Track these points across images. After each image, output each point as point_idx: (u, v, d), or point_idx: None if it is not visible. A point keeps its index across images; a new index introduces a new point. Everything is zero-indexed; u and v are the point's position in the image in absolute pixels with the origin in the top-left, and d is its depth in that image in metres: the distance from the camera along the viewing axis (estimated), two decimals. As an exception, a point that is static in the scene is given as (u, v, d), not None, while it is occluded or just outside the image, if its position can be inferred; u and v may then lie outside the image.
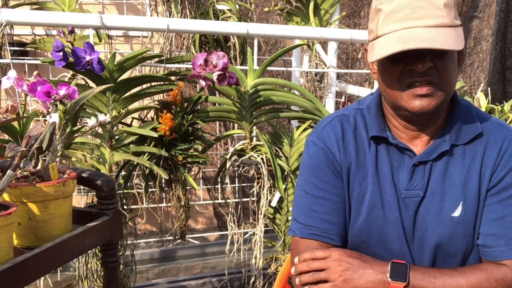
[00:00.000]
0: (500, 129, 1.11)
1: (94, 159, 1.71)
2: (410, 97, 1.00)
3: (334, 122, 1.17)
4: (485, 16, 3.77)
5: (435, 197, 1.08)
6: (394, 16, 0.98)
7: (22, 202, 1.00)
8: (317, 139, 1.17)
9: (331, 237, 1.13)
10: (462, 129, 1.09)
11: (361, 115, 1.17)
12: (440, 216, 1.07)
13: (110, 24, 1.79)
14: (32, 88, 1.10)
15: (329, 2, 2.51)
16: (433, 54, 0.98)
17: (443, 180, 1.08)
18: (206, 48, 2.92)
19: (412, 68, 0.98)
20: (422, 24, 0.96)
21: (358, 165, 1.13)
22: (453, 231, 1.06)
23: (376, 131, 1.11)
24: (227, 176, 2.00)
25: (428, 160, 1.08)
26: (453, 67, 1.03)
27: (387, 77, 1.04)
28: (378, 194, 1.10)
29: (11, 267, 0.89)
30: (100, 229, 1.15)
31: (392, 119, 1.12)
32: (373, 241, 1.11)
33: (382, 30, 1.00)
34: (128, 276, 1.92)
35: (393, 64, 1.01)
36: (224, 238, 3.23)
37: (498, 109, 2.47)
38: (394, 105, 1.06)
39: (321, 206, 1.14)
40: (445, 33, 0.96)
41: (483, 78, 3.84)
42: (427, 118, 1.07)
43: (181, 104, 1.82)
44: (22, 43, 2.91)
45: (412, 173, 1.09)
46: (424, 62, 0.97)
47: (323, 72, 2.47)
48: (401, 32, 0.97)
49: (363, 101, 1.20)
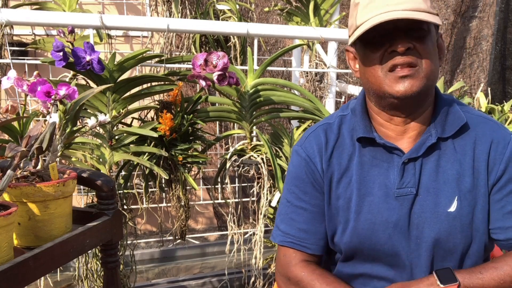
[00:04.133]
0: (485, 123, 1.12)
1: (94, 159, 1.71)
2: (393, 81, 1.02)
3: (318, 131, 1.18)
4: (485, 16, 3.77)
5: (429, 194, 1.08)
6: (372, 5, 1.02)
7: (22, 202, 1.00)
8: (300, 149, 1.18)
9: (307, 246, 1.17)
10: (447, 121, 1.10)
11: (345, 121, 1.17)
12: (436, 213, 1.08)
13: (110, 24, 1.79)
14: (32, 88, 1.10)
15: (329, 2, 2.51)
16: (412, 37, 1.00)
17: (436, 176, 1.09)
18: (206, 48, 2.91)
19: (393, 49, 1.00)
20: (400, 8, 0.99)
21: (342, 173, 1.13)
22: (450, 227, 1.07)
23: (362, 132, 1.12)
24: (227, 176, 2.00)
25: (417, 156, 1.09)
26: (433, 53, 1.04)
27: (369, 64, 1.05)
28: (364, 198, 1.11)
29: (11, 267, 0.89)
30: (100, 229, 1.15)
31: (377, 117, 1.12)
32: (365, 246, 1.11)
33: (361, 19, 1.03)
34: (128, 276, 1.92)
35: (373, 50, 1.03)
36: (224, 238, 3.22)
37: (498, 109, 2.47)
38: (378, 94, 1.06)
39: (299, 215, 1.17)
40: (422, 13, 0.99)
41: (483, 78, 3.84)
42: (413, 104, 1.07)
43: (181, 104, 1.82)
44: (22, 43, 2.91)
45: (402, 171, 1.09)
46: (404, 42, 0.99)
47: (323, 72, 2.47)
48: (380, 16, 0.99)
49: (346, 107, 1.21)
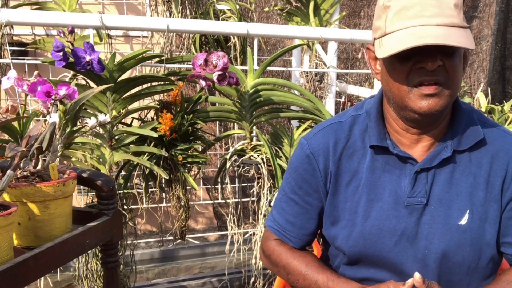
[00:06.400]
0: (505, 137, 1.10)
1: (94, 159, 1.71)
2: (418, 97, 0.99)
3: (328, 130, 1.16)
4: (485, 16, 3.77)
5: (442, 205, 1.07)
6: (405, 13, 0.97)
7: (22, 202, 1.00)
8: (306, 144, 1.16)
9: (289, 238, 1.19)
10: (464, 135, 1.08)
11: (358, 122, 1.14)
12: (447, 224, 1.06)
13: (110, 24, 1.79)
14: (32, 88, 1.10)
15: (329, 2, 2.51)
16: (442, 53, 0.97)
17: (450, 188, 1.07)
18: (206, 48, 2.91)
19: (422, 66, 0.97)
20: (433, 22, 0.96)
21: (351, 175, 1.12)
22: (459, 239, 1.05)
23: (376, 140, 1.09)
24: (227, 176, 2.00)
25: (430, 167, 1.07)
26: (460, 68, 1.02)
27: (395, 76, 1.01)
28: (373, 204, 1.09)
29: (11, 267, 0.89)
30: (100, 229, 1.15)
31: (393, 123, 1.10)
32: (370, 251, 1.10)
33: (392, 27, 0.99)
34: (128, 276, 1.92)
35: (401, 63, 0.99)
36: (224, 238, 3.22)
37: (498, 109, 2.47)
38: (399, 105, 1.04)
39: (290, 207, 1.19)
40: (456, 32, 0.96)
41: (483, 78, 3.84)
42: (433, 119, 1.05)
43: (181, 104, 1.82)
44: (22, 43, 2.91)
45: (414, 180, 1.07)
46: (435, 61, 0.96)
47: (323, 72, 2.47)
48: (413, 28, 0.96)
49: (361, 106, 1.18)
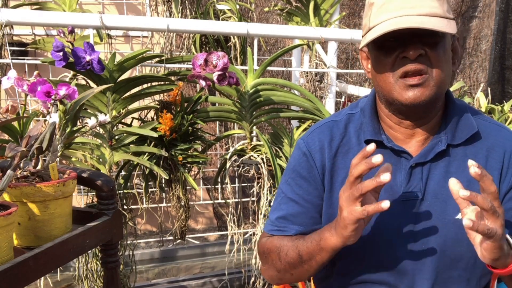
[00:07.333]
0: (499, 131, 1.11)
1: (94, 159, 1.71)
2: (403, 88, 1.01)
3: (323, 128, 1.17)
4: (485, 16, 3.77)
5: (438, 200, 1.07)
6: (387, 7, 1.00)
7: (22, 202, 1.00)
8: (302, 143, 1.17)
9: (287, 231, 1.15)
10: (458, 129, 1.09)
11: (353, 120, 1.16)
12: (444, 219, 1.06)
13: (110, 24, 1.79)
14: (32, 88, 1.10)
15: (329, 2, 2.51)
16: (425, 43, 0.99)
17: (445, 183, 1.06)
18: (206, 48, 2.92)
19: (405, 56, 0.99)
20: (414, 13, 0.98)
21: (346, 172, 1.10)
22: (456, 234, 1.05)
23: (370, 134, 1.11)
24: (227, 176, 2.00)
25: (425, 161, 1.08)
26: (446, 60, 1.03)
27: (381, 69, 1.04)
28: None
29: (11, 267, 0.89)
30: (100, 229, 1.15)
31: (387, 119, 1.11)
32: (366, 248, 1.10)
33: (375, 21, 1.02)
34: (128, 276, 1.92)
35: (386, 55, 1.02)
36: (224, 238, 3.22)
37: (498, 109, 2.47)
38: (388, 99, 1.06)
39: (290, 207, 1.17)
40: (437, 19, 0.98)
41: (483, 78, 3.84)
42: (422, 111, 1.06)
43: (181, 104, 1.82)
44: (22, 43, 2.91)
45: (410, 175, 1.08)
46: (417, 49, 0.98)
47: (323, 72, 2.47)
48: (394, 19, 0.98)
49: (355, 105, 1.20)
